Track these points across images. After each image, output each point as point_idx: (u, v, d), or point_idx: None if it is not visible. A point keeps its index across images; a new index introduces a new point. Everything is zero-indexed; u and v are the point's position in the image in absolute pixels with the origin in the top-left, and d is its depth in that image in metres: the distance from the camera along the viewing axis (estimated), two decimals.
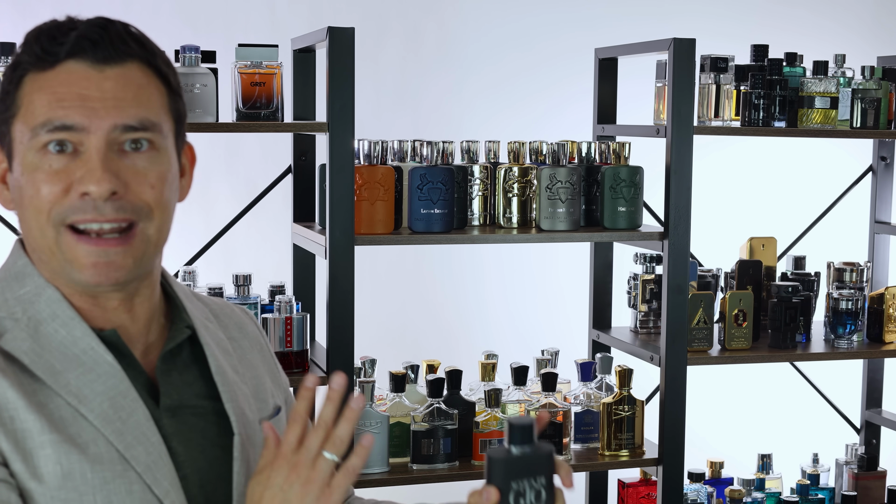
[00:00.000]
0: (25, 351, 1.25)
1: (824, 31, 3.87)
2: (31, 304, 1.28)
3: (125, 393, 1.26)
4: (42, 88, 1.25)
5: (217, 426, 1.34)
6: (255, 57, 2.37)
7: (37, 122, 1.24)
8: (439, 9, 3.57)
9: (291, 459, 1.22)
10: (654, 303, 2.84)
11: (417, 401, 2.56)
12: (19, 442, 1.20)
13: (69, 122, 1.23)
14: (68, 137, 1.24)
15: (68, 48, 1.24)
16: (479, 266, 3.63)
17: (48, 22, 1.28)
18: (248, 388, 1.41)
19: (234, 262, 3.14)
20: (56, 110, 1.23)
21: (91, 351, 1.27)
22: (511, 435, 1.21)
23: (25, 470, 1.20)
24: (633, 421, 2.65)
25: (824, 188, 3.42)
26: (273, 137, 3.11)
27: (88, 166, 1.23)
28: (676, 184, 2.56)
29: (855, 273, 2.86)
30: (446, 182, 2.42)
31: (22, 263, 1.32)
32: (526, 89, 3.63)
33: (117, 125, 1.25)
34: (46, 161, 1.24)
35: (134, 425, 1.25)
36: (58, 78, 1.25)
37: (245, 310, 1.55)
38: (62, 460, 1.21)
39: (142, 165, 1.27)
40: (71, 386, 1.24)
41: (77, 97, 1.24)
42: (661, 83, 2.68)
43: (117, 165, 1.25)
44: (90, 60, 1.25)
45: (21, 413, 1.21)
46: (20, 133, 1.26)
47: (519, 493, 1.20)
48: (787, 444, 3.46)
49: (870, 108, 2.81)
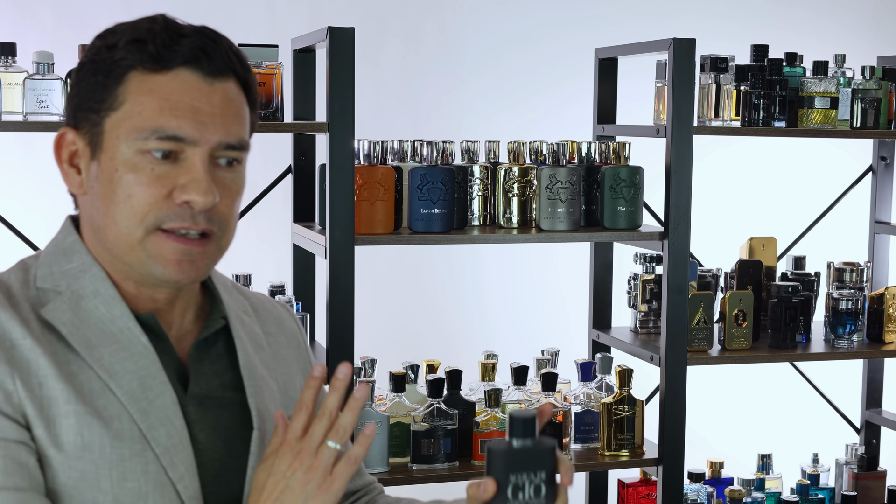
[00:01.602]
0: (65, 322, 1.28)
1: (824, 31, 3.87)
2: (76, 280, 1.31)
3: (155, 375, 1.29)
4: (153, 91, 1.26)
5: (240, 418, 1.36)
6: (255, 57, 2.37)
7: (146, 127, 1.26)
8: (439, 9, 3.57)
9: (295, 447, 1.24)
10: (654, 303, 2.84)
11: (417, 401, 2.56)
12: (44, 408, 1.23)
13: (181, 133, 1.26)
14: (175, 147, 1.27)
15: (185, 56, 1.27)
16: (479, 266, 3.63)
17: (148, 20, 1.29)
18: (276, 384, 1.43)
19: (234, 261, 3.13)
20: (169, 119, 1.26)
21: (127, 331, 1.30)
22: (512, 427, 1.20)
23: (47, 436, 1.23)
24: (633, 421, 2.65)
25: (824, 188, 3.42)
26: (273, 137, 3.11)
27: (194, 176, 1.27)
28: (676, 184, 2.56)
29: (855, 273, 2.86)
30: (446, 182, 2.42)
31: (72, 240, 1.35)
32: (526, 89, 3.63)
33: (223, 142, 1.29)
34: (148, 164, 1.27)
35: (159, 407, 1.28)
36: (171, 85, 1.27)
37: (287, 307, 1.57)
38: (84, 431, 1.23)
39: (229, 180, 1.32)
40: (104, 360, 1.27)
41: (190, 109, 1.27)
42: (661, 83, 2.68)
43: (215, 178, 1.30)
44: (203, 72, 1.28)
45: (50, 381, 1.24)
46: (117, 128, 1.27)
47: (517, 486, 1.19)
48: (787, 444, 3.46)
49: (870, 108, 2.81)
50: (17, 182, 3.12)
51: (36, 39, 3.07)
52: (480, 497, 1.20)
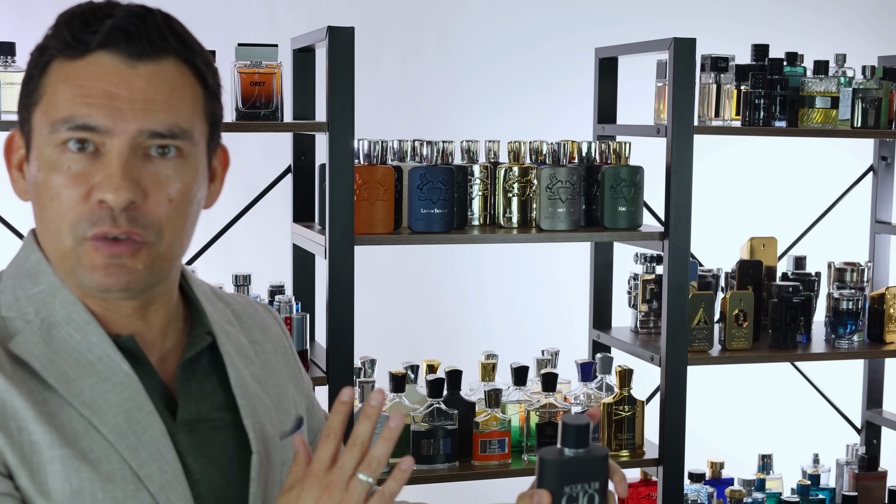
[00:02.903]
0: (37, 356, 1.17)
1: (825, 30, 3.87)
2: (45, 305, 1.20)
3: (141, 406, 1.19)
4: (68, 79, 1.15)
5: (236, 441, 1.27)
6: (255, 56, 2.37)
7: (58, 117, 1.15)
8: (439, 9, 3.57)
9: (324, 479, 1.12)
10: (655, 303, 2.84)
11: (417, 401, 2.56)
12: (26, 455, 1.13)
13: (92, 122, 1.14)
14: (90, 137, 1.15)
15: (101, 38, 1.14)
16: (478, 266, 3.63)
17: (84, 4, 1.19)
18: (269, 398, 1.34)
19: (233, 261, 3.14)
20: (80, 107, 1.14)
21: (107, 358, 1.19)
22: (565, 436, 1.14)
23: (32, 486, 1.13)
24: (634, 421, 2.64)
25: (825, 188, 3.42)
26: (273, 137, 3.11)
27: (108, 171, 1.15)
28: (677, 184, 2.56)
29: (855, 273, 2.86)
30: (446, 182, 2.42)
31: (35, 259, 1.23)
32: (526, 91, 3.63)
33: (143, 130, 1.16)
34: (65, 160, 1.15)
35: (149, 441, 1.18)
36: (86, 70, 1.15)
37: (269, 308, 1.46)
38: (72, 478, 1.13)
39: (164, 174, 1.18)
40: (84, 396, 1.16)
41: (103, 94, 1.14)
42: (661, 83, 2.67)
43: (139, 172, 1.16)
44: (123, 54, 1.15)
45: (30, 424, 1.13)
46: (40, 124, 1.17)
47: (572, 497, 1.14)
48: (787, 445, 3.46)
49: (870, 107, 2.81)
50: None
51: (35, 39, 3.05)
52: None
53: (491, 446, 2.54)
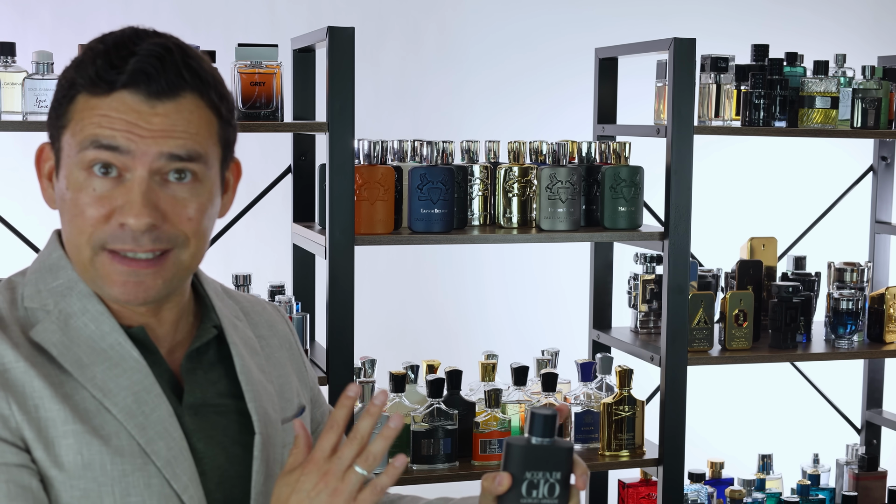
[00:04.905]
0: (55, 343, 1.28)
1: (825, 30, 3.87)
2: (63, 298, 1.31)
3: (149, 389, 1.29)
4: (93, 109, 1.26)
5: (239, 424, 1.36)
6: (255, 57, 2.37)
7: (85, 138, 1.25)
8: (439, 9, 3.57)
9: (323, 467, 1.22)
10: (655, 303, 2.84)
11: (417, 401, 2.56)
12: (42, 430, 1.23)
13: (115, 143, 1.24)
14: (113, 160, 1.25)
15: (124, 79, 1.25)
16: (479, 266, 3.63)
17: (108, 38, 1.28)
18: (273, 387, 1.43)
19: (233, 261, 3.14)
20: (104, 129, 1.25)
21: (118, 346, 1.30)
22: (532, 424, 1.20)
23: (47, 458, 1.23)
24: (634, 421, 2.64)
25: (825, 188, 3.42)
26: (273, 137, 3.11)
27: (129, 197, 1.25)
28: (676, 184, 2.56)
29: (855, 273, 2.86)
30: (446, 182, 2.42)
31: (57, 256, 1.35)
32: (526, 90, 3.63)
33: (163, 153, 1.26)
34: (91, 183, 1.26)
35: (156, 420, 1.28)
36: (110, 105, 1.25)
37: (276, 307, 1.57)
38: (83, 450, 1.24)
39: (182, 196, 1.28)
40: (97, 379, 1.27)
41: (126, 124, 1.25)
42: (661, 83, 2.67)
43: (157, 196, 1.26)
44: (143, 94, 1.25)
45: (46, 402, 1.24)
46: (68, 145, 1.28)
47: (532, 483, 1.20)
48: (787, 445, 3.46)
49: (870, 107, 2.81)
50: (16, 182, 3.12)
51: (35, 39, 3.07)
52: (494, 490, 1.22)
53: (491, 446, 2.54)
